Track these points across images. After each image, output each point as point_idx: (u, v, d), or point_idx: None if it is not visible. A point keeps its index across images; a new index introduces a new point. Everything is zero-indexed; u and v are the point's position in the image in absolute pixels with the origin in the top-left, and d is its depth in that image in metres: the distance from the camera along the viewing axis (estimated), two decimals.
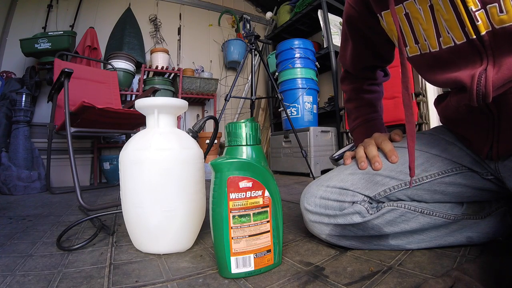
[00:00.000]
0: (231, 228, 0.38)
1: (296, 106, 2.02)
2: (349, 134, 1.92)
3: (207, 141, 2.05)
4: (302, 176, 1.87)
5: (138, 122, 1.47)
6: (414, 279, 0.35)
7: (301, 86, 2.01)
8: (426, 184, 0.45)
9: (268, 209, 0.40)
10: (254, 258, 0.39)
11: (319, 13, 2.13)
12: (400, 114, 1.55)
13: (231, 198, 0.38)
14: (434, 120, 1.47)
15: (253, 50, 1.58)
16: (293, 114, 2.02)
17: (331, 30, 2.05)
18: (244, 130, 0.41)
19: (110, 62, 1.93)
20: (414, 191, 0.45)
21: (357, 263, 0.42)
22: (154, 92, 1.50)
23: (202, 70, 2.40)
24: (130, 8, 2.27)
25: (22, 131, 1.53)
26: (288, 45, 2.08)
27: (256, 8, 3.06)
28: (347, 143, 1.93)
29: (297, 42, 2.07)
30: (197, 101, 2.43)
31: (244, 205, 0.38)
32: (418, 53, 0.42)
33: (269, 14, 2.79)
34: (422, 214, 0.44)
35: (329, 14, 2.07)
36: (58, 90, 1.36)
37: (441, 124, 0.54)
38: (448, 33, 0.37)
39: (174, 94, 2.20)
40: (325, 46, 2.09)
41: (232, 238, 0.38)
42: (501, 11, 0.31)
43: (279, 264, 0.42)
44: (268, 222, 0.40)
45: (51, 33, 1.74)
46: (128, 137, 1.69)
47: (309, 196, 0.48)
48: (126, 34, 2.10)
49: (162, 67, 2.13)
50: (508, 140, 0.39)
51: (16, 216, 0.86)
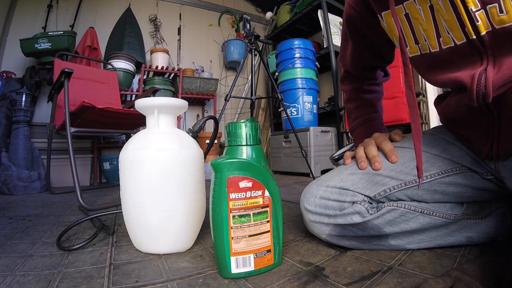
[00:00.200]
0: (231, 228, 0.38)
1: (296, 106, 2.02)
2: (349, 134, 1.92)
3: (207, 141, 2.05)
4: (302, 176, 1.87)
5: (138, 122, 1.47)
6: (414, 279, 0.35)
7: (301, 86, 2.01)
8: (426, 184, 0.45)
9: (268, 209, 0.40)
10: (254, 258, 0.39)
11: (319, 13, 2.13)
12: (400, 114, 1.55)
13: (231, 198, 0.38)
14: (434, 120, 1.47)
15: (253, 50, 1.58)
16: (293, 114, 2.02)
17: (331, 30, 2.05)
18: (244, 130, 0.41)
19: (110, 62, 1.93)
20: (414, 191, 0.45)
21: (357, 263, 0.42)
22: (154, 92, 1.50)
23: (202, 70, 2.40)
24: (130, 8, 2.27)
25: (22, 131, 1.53)
26: (288, 45, 2.08)
27: (256, 8, 3.06)
28: (347, 143, 1.93)
29: (297, 42, 2.07)
30: (197, 101, 2.43)
31: (244, 205, 0.38)
32: (418, 53, 0.42)
33: (269, 14, 2.79)
34: (422, 214, 0.44)
35: (329, 14, 2.07)
36: (58, 90, 1.36)
37: (441, 124, 0.54)
38: (448, 33, 0.37)
39: (174, 94, 2.20)
40: (325, 46, 2.09)
41: (232, 238, 0.38)
42: (501, 11, 0.31)
43: (279, 264, 0.42)
44: (268, 222, 0.40)
45: (51, 33, 1.74)
46: (128, 137, 1.69)
47: (309, 196, 0.48)
48: (126, 34, 2.10)
49: (162, 67, 2.13)
50: (508, 140, 0.39)
51: (16, 216, 0.86)
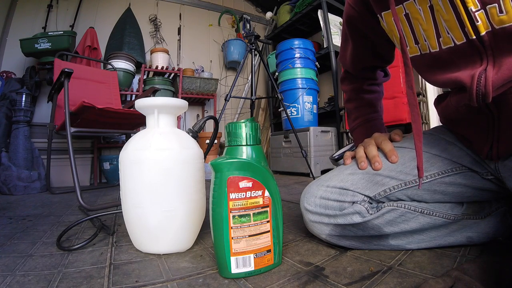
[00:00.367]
0: (231, 228, 0.38)
1: (296, 106, 2.02)
2: (349, 134, 1.92)
3: (207, 141, 2.05)
4: (302, 176, 1.87)
5: (138, 122, 1.47)
6: (414, 279, 0.35)
7: (301, 86, 2.01)
8: (426, 184, 0.45)
9: (268, 209, 0.40)
10: (254, 258, 0.39)
11: (319, 13, 2.13)
12: (400, 114, 1.55)
13: (231, 198, 0.38)
14: (434, 120, 1.47)
15: (253, 50, 1.58)
16: (293, 114, 2.02)
17: (331, 30, 2.05)
18: (244, 130, 0.41)
19: (110, 62, 1.93)
20: (414, 191, 0.45)
21: (357, 263, 0.42)
22: (154, 92, 1.50)
23: (202, 70, 2.40)
24: (130, 8, 2.27)
25: (22, 131, 1.53)
26: (288, 45, 2.08)
27: (256, 8, 3.06)
28: (347, 143, 1.93)
29: (297, 42, 2.07)
30: (197, 101, 2.43)
31: (244, 205, 0.38)
32: (418, 53, 0.42)
33: (269, 14, 2.79)
34: (422, 214, 0.44)
35: (329, 14, 2.07)
36: (58, 90, 1.36)
37: (441, 124, 0.54)
38: (448, 33, 0.37)
39: (174, 94, 2.20)
40: (325, 46, 2.09)
41: (232, 238, 0.38)
42: (500, 12, 0.31)
43: (279, 264, 0.42)
44: (268, 222, 0.40)
45: (51, 33, 1.74)
46: (128, 137, 1.69)
47: (309, 196, 0.48)
48: (126, 34, 2.10)
49: (162, 67, 2.13)
50: (508, 140, 0.39)
51: (16, 216, 0.86)
